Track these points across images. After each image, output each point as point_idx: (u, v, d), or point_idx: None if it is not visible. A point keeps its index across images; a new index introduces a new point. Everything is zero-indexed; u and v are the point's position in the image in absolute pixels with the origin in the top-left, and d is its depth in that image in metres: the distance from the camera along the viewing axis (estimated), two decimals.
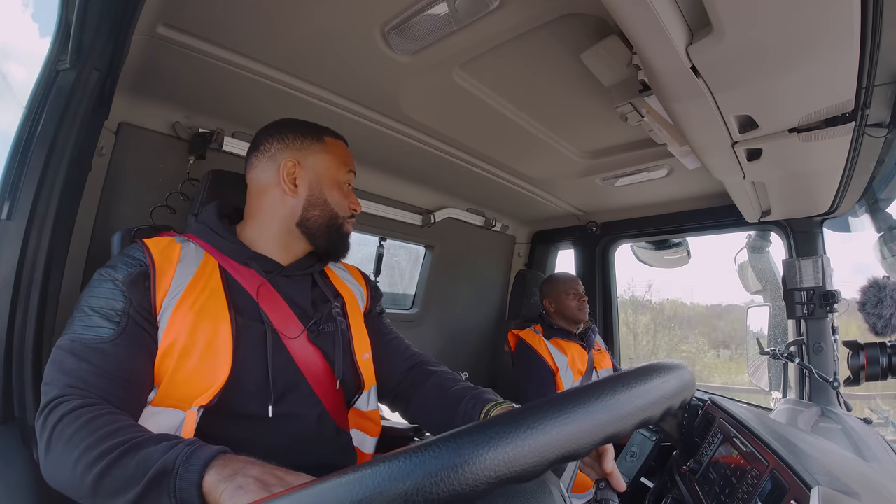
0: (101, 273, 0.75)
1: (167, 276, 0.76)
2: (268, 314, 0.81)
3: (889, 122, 0.95)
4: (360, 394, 0.89)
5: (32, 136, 0.86)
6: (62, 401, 0.63)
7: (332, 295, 0.93)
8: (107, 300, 0.72)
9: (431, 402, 0.93)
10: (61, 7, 0.85)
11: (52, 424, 0.61)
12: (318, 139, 0.92)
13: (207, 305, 0.76)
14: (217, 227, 0.86)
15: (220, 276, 0.81)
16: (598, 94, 1.21)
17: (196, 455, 0.55)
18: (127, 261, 0.76)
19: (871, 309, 1.03)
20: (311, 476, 0.53)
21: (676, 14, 0.67)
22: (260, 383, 0.77)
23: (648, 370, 0.41)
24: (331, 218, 0.90)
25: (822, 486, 0.69)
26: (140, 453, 0.57)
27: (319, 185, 0.90)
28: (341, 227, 0.92)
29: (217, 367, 0.73)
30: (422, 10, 0.94)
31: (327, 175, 0.91)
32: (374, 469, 0.31)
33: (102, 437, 0.59)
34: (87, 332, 0.69)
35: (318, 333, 0.86)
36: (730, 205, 1.65)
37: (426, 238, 2.18)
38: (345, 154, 0.95)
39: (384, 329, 1.04)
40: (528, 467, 0.32)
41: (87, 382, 0.66)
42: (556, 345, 1.90)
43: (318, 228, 0.90)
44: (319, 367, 0.84)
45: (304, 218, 0.89)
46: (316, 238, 0.91)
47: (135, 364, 0.70)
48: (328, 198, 0.90)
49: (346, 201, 0.93)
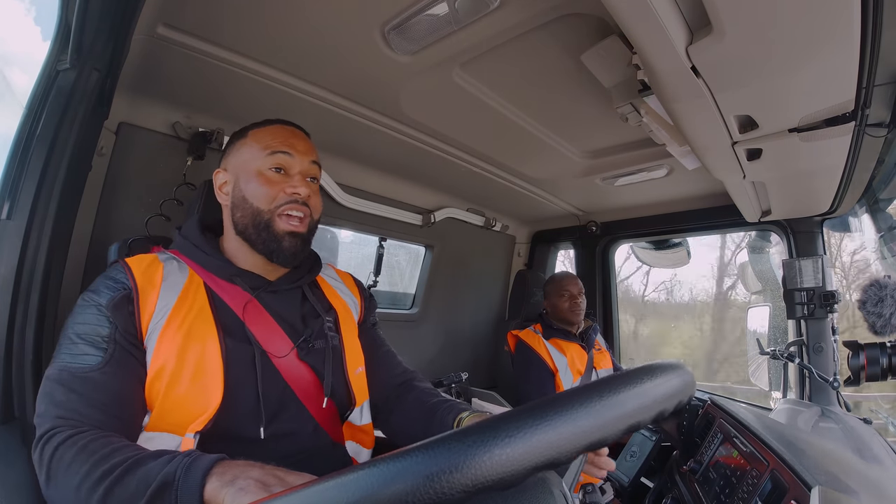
0: (85, 298, 0.74)
1: (151, 298, 0.74)
2: (255, 333, 0.79)
3: (889, 122, 0.95)
4: (352, 409, 0.88)
5: (32, 136, 0.85)
6: (55, 432, 0.63)
7: (324, 309, 0.90)
8: (92, 326, 0.71)
9: (411, 415, 0.93)
10: (61, 7, 0.85)
11: (49, 455, 0.61)
12: (240, 137, 0.87)
13: (195, 326, 0.74)
14: (199, 243, 0.83)
15: (205, 293, 0.79)
16: (597, 95, 1.21)
17: (195, 465, 0.56)
18: (109, 283, 0.74)
19: (871, 308, 1.03)
20: (311, 475, 0.54)
21: (676, 14, 0.67)
22: (251, 405, 0.76)
23: (633, 376, 0.39)
24: (253, 214, 0.82)
25: (822, 486, 0.69)
26: (140, 470, 0.57)
27: (237, 182, 0.84)
28: (269, 223, 0.81)
29: (209, 391, 0.72)
30: (422, 10, 0.94)
31: (243, 168, 0.84)
32: (374, 469, 0.31)
33: (101, 460, 0.59)
34: (74, 361, 0.68)
35: (308, 351, 0.83)
36: (730, 205, 1.65)
37: (426, 238, 2.18)
38: (270, 138, 0.84)
39: (377, 342, 1.02)
40: (506, 475, 0.31)
41: (77, 413, 0.65)
42: (556, 345, 1.90)
43: (247, 230, 0.83)
44: (310, 384, 0.83)
45: (234, 223, 0.84)
46: (252, 242, 0.83)
47: (125, 391, 0.69)
48: (245, 193, 0.82)
49: (273, 188, 0.81)
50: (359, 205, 1.79)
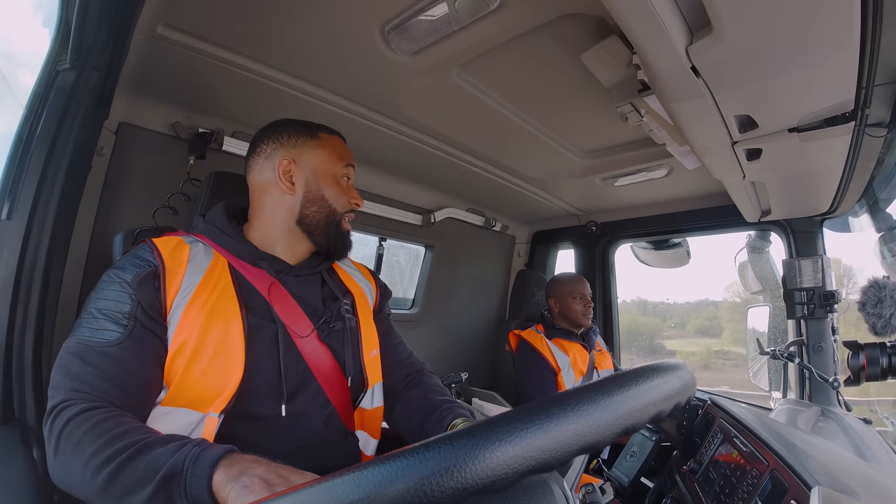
0: (110, 274, 0.75)
1: (177, 276, 0.76)
2: (279, 313, 0.81)
3: (889, 122, 0.95)
4: (364, 392, 0.89)
5: (32, 136, 0.86)
6: (68, 405, 0.63)
7: (342, 292, 0.94)
8: (114, 302, 0.72)
9: (411, 408, 0.94)
10: (61, 7, 0.85)
11: (59, 428, 0.62)
12: (312, 136, 0.92)
13: (219, 304, 0.76)
14: (226, 228, 0.86)
15: (230, 275, 0.81)
16: (597, 95, 1.21)
17: (204, 455, 0.56)
18: (135, 261, 0.75)
19: (871, 309, 1.03)
20: (315, 475, 0.54)
21: (676, 14, 0.67)
22: (271, 383, 0.77)
23: (633, 376, 0.39)
24: (329, 214, 0.90)
25: (822, 486, 0.69)
26: (149, 455, 0.57)
27: (315, 180, 0.90)
28: (339, 223, 0.92)
29: (230, 369, 0.73)
30: (422, 11, 0.94)
31: (323, 170, 0.90)
32: (374, 469, 0.31)
33: (110, 440, 0.59)
34: (93, 335, 0.69)
35: (329, 332, 0.86)
36: (730, 205, 1.65)
37: (426, 238, 2.18)
38: (341, 149, 0.94)
39: (391, 332, 1.05)
40: (508, 474, 0.31)
41: (92, 386, 0.66)
42: (558, 344, 1.90)
43: (317, 225, 0.90)
44: (328, 365, 0.85)
45: (302, 215, 0.89)
46: (315, 235, 0.90)
47: (141, 368, 0.70)
48: (325, 193, 0.90)
49: (345, 196, 0.92)
50: None
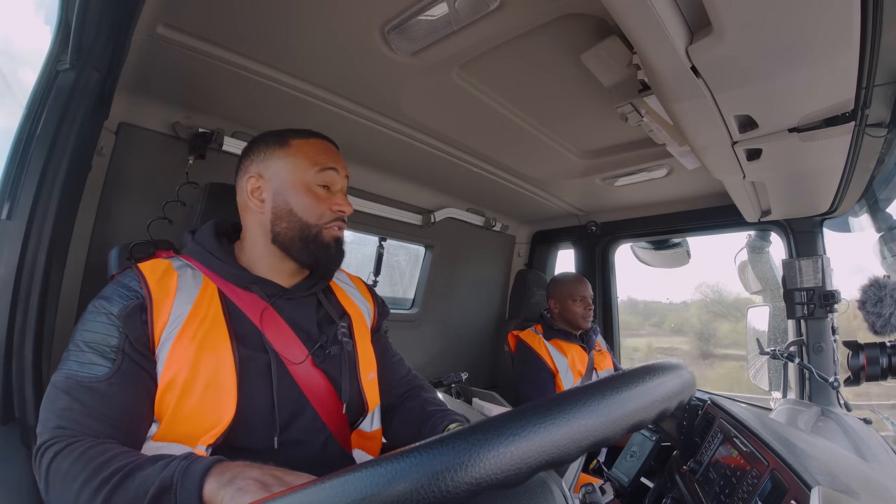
0: (96, 305, 0.72)
1: (165, 307, 0.73)
2: (271, 341, 0.78)
3: (889, 122, 0.95)
4: (364, 416, 0.88)
5: (32, 136, 0.85)
6: (53, 442, 0.63)
7: (338, 314, 0.90)
8: (101, 335, 0.69)
9: (408, 419, 0.94)
10: (61, 7, 0.85)
11: (46, 464, 0.61)
12: (280, 145, 0.84)
13: (209, 336, 0.73)
14: (215, 250, 0.82)
15: (220, 302, 0.78)
16: (597, 95, 1.21)
17: (192, 468, 0.56)
18: (121, 292, 0.73)
19: (871, 308, 1.03)
20: (310, 476, 0.53)
21: (676, 14, 0.67)
22: (265, 416, 0.75)
23: (634, 376, 0.39)
24: (301, 228, 0.83)
25: (822, 486, 0.69)
26: (138, 476, 0.57)
27: (283, 193, 0.83)
28: (319, 235, 0.83)
29: (222, 404, 0.71)
30: (422, 11, 0.94)
31: (290, 180, 0.83)
32: (373, 468, 0.31)
33: (98, 467, 0.58)
34: (81, 369, 0.67)
35: (324, 357, 0.83)
36: (730, 205, 1.65)
37: (426, 238, 2.18)
38: (315, 153, 0.85)
39: (389, 350, 1.03)
40: (510, 473, 0.31)
41: (77, 423, 0.65)
42: (557, 346, 1.90)
43: (292, 242, 0.83)
44: (324, 391, 0.82)
45: (274, 233, 0.83)
46: (294, 252, 0.83)
47: (129, 404, 0.68)
48: (293, 206, 0.82)
49: (322, 205, 0.83)
50: (359, 205, 1.79)
